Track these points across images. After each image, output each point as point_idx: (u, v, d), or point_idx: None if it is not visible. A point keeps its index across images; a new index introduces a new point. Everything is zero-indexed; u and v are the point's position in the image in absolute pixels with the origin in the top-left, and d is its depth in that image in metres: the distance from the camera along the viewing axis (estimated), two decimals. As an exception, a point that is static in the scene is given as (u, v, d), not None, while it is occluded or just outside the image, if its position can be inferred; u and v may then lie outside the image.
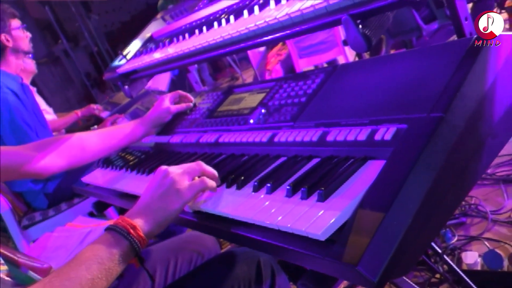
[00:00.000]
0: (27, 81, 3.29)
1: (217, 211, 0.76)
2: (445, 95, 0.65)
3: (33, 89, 3.39)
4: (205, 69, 6.73)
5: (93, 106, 3.40)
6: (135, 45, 1.58)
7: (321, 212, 0.59)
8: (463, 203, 1.77)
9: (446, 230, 1.65)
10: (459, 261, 1.51)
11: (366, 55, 3.41)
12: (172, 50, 1.17)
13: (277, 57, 3.37)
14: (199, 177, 0.79)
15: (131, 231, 0.69)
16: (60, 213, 2.23)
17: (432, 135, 0.61)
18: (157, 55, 1.25)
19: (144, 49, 1.41)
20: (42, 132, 2.13)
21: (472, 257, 1.47)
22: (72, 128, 3.36)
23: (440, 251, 1.42)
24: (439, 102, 0.64)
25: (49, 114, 3.44)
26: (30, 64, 3.29)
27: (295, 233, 0.60)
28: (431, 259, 1.51)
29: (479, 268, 1.44)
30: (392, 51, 3.62)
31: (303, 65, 3.33)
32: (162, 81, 2.80)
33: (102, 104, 3.71)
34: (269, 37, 0.88)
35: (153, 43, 1.42)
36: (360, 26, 0.69)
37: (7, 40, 2.13)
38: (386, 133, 0.67)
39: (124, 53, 1.53)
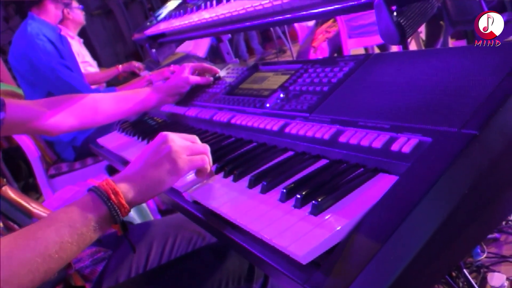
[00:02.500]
0: (74, 32, 3.33)
1: (204, 202, 0.69)
2: (484, 108, 0.53)
3: (80, 41, 3.43)
4: (254, 37, 6.61)
5: (135, 63, 3.40)
6: (168, 7, 1.50)
7: (310, 229, 0.51)
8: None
9: (476, 245, 1.52)
10: (483, 281, 1.38)
11: (422, 44, 3.17)
12: (196, 17, 1.09)
13: (325, 34, 3.20)
14: None
15: (112, 196, 0.62)
16: (85, 167, 2.26)
17: (459, 156, 0.50)
18: (184, 21, 1.17)
19: (174, 13, 1.33)
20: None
21: (498, 279, 1.34)
22: (112, 82, 3.39)
23: (461, 265, 1.30)
24: (475, 116, 0.53)
25: (92, 67, 3.48)
26: (79, 15, 3.32)
27: (276, 247, 0.52)
28: (452, 272, 1.39)
29: (504, 293, 1.31)
30: (452, 41, 3.34)
31: (352, 45, 3.15)
32: (201, 47, 2.73)
33: (145, 62, 3.71)
34: (280, 17, 0.78)
35: (184, 7, 1.34)
36: (395, 13, 0.58)
37: None
38: (405, 144, 0.57)
39: (156, 14, 1.46)
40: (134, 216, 1.74)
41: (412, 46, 3.29)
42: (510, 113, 0.53)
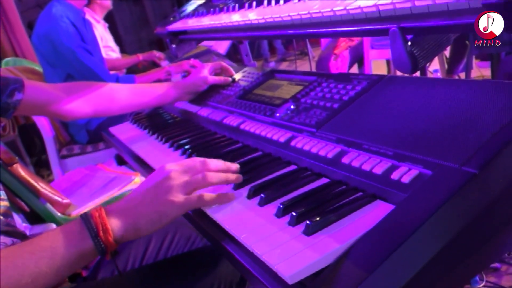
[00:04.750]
0: (100, 15, 3.38)
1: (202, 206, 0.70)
2: (487, 147, 0.53)
3: (105, 25, 3.48)
4: (277, 37, 6.60)
5: (156, 53, 3.43)
6: (193, 4, 1.52)
7: (300, 249, 0.52)
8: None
9: (475, 272, 1.50)
10: (478, 311, 1.37)
11: (445, 62, 3.13)
12: (219, 19, 1.10)
13: (348, 42, 3.18)
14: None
15: (101, 233, 0.61)
16: (97, 151, 2.30)
17: (456, 194, 0.50)
18: (206, 21, 1.18)
19: (197, 11, 1.34)
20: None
21: (494, 311, 1.33)
22: (132, 70, 3.43)
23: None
24: (477, 154, 0.53)
25: (114, 52, 3.52)
26: (106, 0, 3.36)
27: (265, 263, 0.53)
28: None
29: (498, 325, 1.30)
30: (476, 62, 3.29)
31: (374, 56, 3.13)
32: (223, 43, 2.74)
33: (166, 52, 3.73)
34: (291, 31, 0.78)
35: (208, 6, 1.35)
36: (409, 43, 0.58)
37: None
38: (405, 174, 0.57)
39: (180, 10, 1.47)
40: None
41: (435, 63, 3.26)
42: (514, 155, 0.53)
